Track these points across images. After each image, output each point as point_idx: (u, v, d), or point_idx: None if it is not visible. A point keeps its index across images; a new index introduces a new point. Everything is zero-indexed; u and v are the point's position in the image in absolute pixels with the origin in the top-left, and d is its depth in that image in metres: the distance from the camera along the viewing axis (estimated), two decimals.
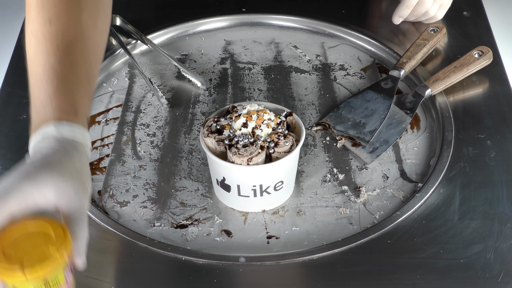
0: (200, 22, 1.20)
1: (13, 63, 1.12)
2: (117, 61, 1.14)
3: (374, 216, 0.90)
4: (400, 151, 0.98)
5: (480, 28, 1.17)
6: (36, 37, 0.79)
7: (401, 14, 1.15)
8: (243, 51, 1.16)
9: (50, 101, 0.75)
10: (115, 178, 0.96)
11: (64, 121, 0.74)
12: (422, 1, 1.12)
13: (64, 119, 0.74)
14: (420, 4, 1.13)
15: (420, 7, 1.13)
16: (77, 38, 0.80)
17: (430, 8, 1.14)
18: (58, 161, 0.71)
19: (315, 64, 1.13)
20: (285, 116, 0.91)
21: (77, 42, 0.80)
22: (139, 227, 0.89)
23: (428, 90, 1.03)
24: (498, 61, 1.09)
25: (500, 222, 0.87)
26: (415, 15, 1.15)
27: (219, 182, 0.89)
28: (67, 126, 0.74)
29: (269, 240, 0.87)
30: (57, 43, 0.78)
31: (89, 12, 0.82)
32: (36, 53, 0.79)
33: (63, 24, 0.80)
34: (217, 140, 0.87)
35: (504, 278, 0.81)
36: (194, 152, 0.99)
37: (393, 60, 1.12)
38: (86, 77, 0.79)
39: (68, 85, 0.77)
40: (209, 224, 0.89)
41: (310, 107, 1.06)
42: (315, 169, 0.96)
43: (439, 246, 0.84)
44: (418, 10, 1.14)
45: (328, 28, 1.19)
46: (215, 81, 1.11)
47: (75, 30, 0.80)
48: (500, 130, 0.99)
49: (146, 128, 1.03)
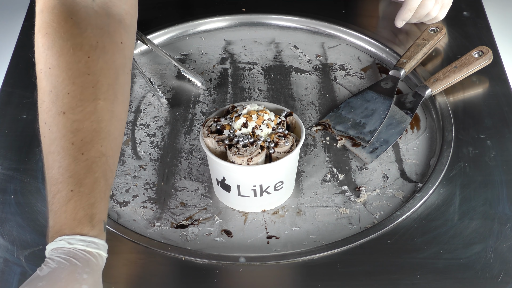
0: (200, 22, 1.20)
1: (13, 63, 1.12)
2: None
3: (374, 216, 0.90)
4: (400, 151, 0.98)
5: (480, 28, 1.17)
6: (51, 131, 0.77)
7: (404, 18, 1.15)
8: (243, 51, 1.16)
9: (65, 209, 0.75)
10: (115, 178, 0.95)
11: (78, 235, 0.74)
12: (423, 3, 1.12)
13: (78, 232, 0.74)
14: (422, 6, 1.13)
15: (422, 9, 1.13)
16: (92, 131, 0.77)
17: (432, 10, 1.13)
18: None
19: (315, 64, 1.13)
20: (285, 116, 0.90)
21: (93, 136, 0.77)
22: (139, 227, 0.89)
23: (428, 90, 1.03)
24: (498, 61, 1.09)
25: (500, 222, 0.87)
26: (417, 17, 1.15)
27: (219, 182, 0.89)
28: (80, 239, 0.74)
29: (269, 240, 0.87)
30: (72, 140, 0.76)
31: (106, 99, 0.79)
32: (50, 150, 0.77)
33: (78, 116, 0.77)
34: (217, 140, 0.87)
35: (504, 278, 0.81)
36: (194, 152, 0.99)
37: (393, 60, 1.12)
38: (104, 174, 0.77)
39: (84, 189, 0.75)
40: (209, 224, 0.89)
41: (310, 107, 1.06)
42: (315, 169, 0.96)
43: (439, 246, 0.84)
44: (420, 12, 1.14)
45: (328, 28, 1.19)
46: (215, 81, 1.11)
47: (91, 122, 0.77)
48: (500, 130, 0.99)
49: (146, 128, 1.03)
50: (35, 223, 0.88)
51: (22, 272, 0.82)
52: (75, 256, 0.73)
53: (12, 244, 0.85)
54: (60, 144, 0.77)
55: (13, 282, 0.81)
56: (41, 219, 0.88)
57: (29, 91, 1.06)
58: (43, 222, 0.88)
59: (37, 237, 0.86)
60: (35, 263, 0.83)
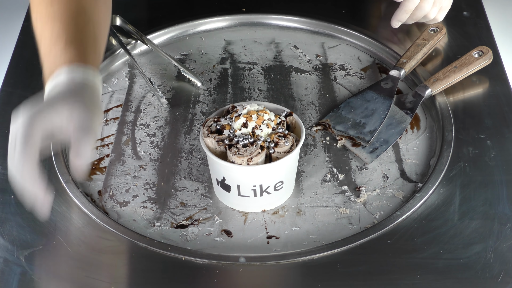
0: (200, 22, 1.20)
1: (13, 63, 1.12)
2: (117, 61, 1.14)
3: (374, 216, 0.90)
4: (400, 151, 0.98)
5: (480, 28, 1.17)
6: (41, 19, 0.87)
7: (400, 19, 1.15)
8: (243, 51, 1.16)
9: (61, 54, 0.82)
10: (115, 178, 0.96)
11: (75, 64, 0.81)
12: (420, 6, 1.12)
13: (75, 62, 0.81)
14: (418, 8, 1.12)
15: (419, 12, 1.13)
16: (79, 11, 0.87)
17: (429, 12, 1.13)
18: (70, 91, 0.79)
19: (315, 64, 1.13)
20: (285, 116, 0.91)
21: (80, 13, 0.87)
22: (139, 227, 0.89)
23: (428, 90, 1.03)
24: (498, 61, 1.09)
25: (500, 222, 0.87)
26: (414, 19, 1.15)
27: (219, 182, 0.89)
28: (78, 68, 0.81)
29: (269, 240, 0.87)
30: (61, 18, 0.85)
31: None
32: (42, 29, 0.86)
33: (64, 3, 0.87)
34: (217, 140, 0.87)
35: (504, 278, 0.81)
36: (194, 152, 0.99)
37: (393, 60, 1.12)
38: (93, 37, 0.87)
39: (77, 41, 0.84)
40: (209, 224, 0.89)
41: (310, 107, 1.06)
42: (315, 169, 0.96)
43: (439, 246, 0.84)
44: (417, 14, 1.14)
45: (328, 28, 1.19)
46: (215, 81, 1.11)
47: (77, 6, 0.87)
48: (500, 130, 0.99)
49: (146, 128, 1.03)
50: (35, 223, 0.88)
51: (22, 272, 0.82)
52: (76, 81, 0.80)
53: (12, 244, 0.85)
54: (51, 22, 0.86)
55: (13, 282, 0.81)
56: (41, 219, 0.88)
57: (29, 91, 1.06)
58: (43, 222, 0.88)
59: (37, 237, 0.86)
60: (35, 263, 0.83)
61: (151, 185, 0.95)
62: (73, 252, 0.85)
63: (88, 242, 0.86)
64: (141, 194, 0.93)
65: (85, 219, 0.89)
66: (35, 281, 0.82)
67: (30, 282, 0.82)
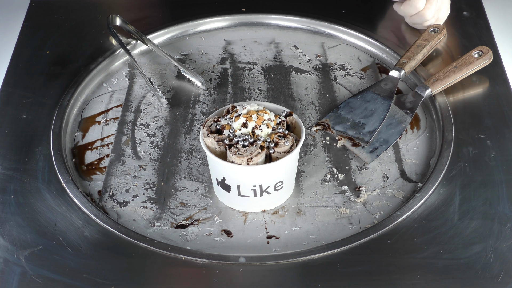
0: (200, 22, 1.20)
1: (13, 63, 1.12)
2: (117, 61, 1.14)
3: (374, 216, 0.90)
4: (400, 151, 0.98)
5: (480, 28, 1.17)
6: None
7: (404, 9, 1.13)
8: (243, 51, 1.16)
9: None
10: (115, 178, 0.96)
11: None
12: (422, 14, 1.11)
13: None
14: (419, 15, 1.12)
15: (419, 18, 1.13)
16: None
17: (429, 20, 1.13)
18: None
19: (315, 64, 1.13)
20: (285, 116, 0.91)
21: None
22: (139, 227, 0.89)
23: (428, 90, 1.03)
24: (498, 61, 1.09)
25: (500, 222, 0.87)
26: (413, 23, 1.15)
27: (219, 182, 0.89)
28: None
29: (269, 240, 0.87)
30: None
31: None
32: None
33: None
34: (217, 140, 0.87)
35: (504, 278, 0.81)
36: (194, 152, 0.99)
37: (393, 60, 1.12)
38: None
39: None
40: (209, 224, 0.89)
41: (310, 107, 1.06)
42: (315, 169, 0.96)
43: (439, 246, 0.84)
44: (416, 20, 1.14)
45: (328, 28, 1.19)
46: (215, 81, 1.11)
47: None
48: (500, 130, 0.99)
49: (146, 128, 1.03)
50: (35, 223, 0.88)
51: (22, 272, 0.82)
52: None
53: (12, 244, 0.85)
54: None
55: (13, 282, 0.81)
56: (41, 219, 0.88)
57: (29, 91, 1.06)
58: (43, 222, 0.88)
59: (37, 237, 0.86)
60: (35, 263, 0.83)
61: (151, 185, 0.95)
62: (73, 252, 0.85)
63: (88, 242, 0.86)
64: (141, 194, 0.93)
65: (85, 219, 0.89)
66: (35, 281, 0.82)
67: (30, 282, 0.82)
